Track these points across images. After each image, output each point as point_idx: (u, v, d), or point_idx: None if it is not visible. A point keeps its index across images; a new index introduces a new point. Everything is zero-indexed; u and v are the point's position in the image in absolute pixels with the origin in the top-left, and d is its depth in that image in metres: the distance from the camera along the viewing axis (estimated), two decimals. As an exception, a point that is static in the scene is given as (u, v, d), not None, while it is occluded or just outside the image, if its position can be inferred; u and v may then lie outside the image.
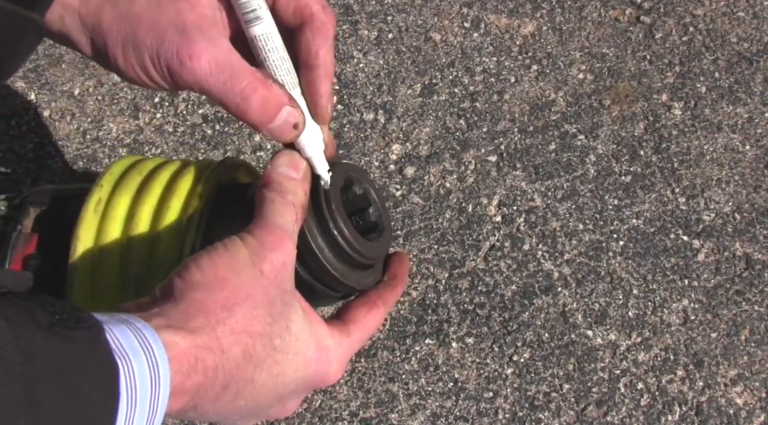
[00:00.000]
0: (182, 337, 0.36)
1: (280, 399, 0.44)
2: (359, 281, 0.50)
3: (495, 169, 1.04)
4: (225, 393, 0.39)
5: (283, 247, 0.42)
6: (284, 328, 0.41)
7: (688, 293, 0.96)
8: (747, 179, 1.04)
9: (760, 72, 1.12)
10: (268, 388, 0.42)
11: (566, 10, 1.17)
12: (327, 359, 0.45)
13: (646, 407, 0.90)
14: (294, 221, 0.43)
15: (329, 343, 0.45)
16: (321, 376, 0.45)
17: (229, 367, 0.38)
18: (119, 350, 0.33)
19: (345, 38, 1.13)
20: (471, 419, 0.89)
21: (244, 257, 0.41)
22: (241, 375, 0.39)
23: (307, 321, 0.43)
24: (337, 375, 0.46)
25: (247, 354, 0.39)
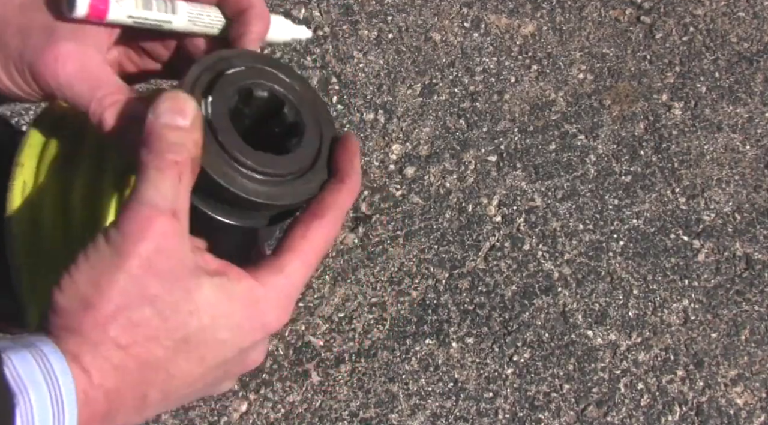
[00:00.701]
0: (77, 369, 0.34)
1: (224, 371, 0.40)
2: (295, 194, 0.43)
3: (495, 169, 1.04)
4: (147, 400, 0.37)
5: (152, 231, 0.36)
6: (187, 314, 0.37)
7: (688, 293, 0.96)
8: (747, 179, 1.04)
9: (760, 72, 1.12)
10: (198, 372, 0.38)
11: (566, 10, 1.17)
12: (260, 312, 0.39)
13: (646, 407, 0.90)
14: (174, 186, 0.37)
15: (258, 294, 0.39)
16: (261, 329, 0.40)
17: (133, 382, 0.36)
18: (16, 381, 0.31)
19: (345, 38, 1.13)
20: (471, 419, 0.89)
21: (105, 261, 0.36)
22: (153, 381, 0.36)
23: (220, 287, 0.38)
24: (280, 320, 0.40)
25: (146, 363, 0.36)
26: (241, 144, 0.41)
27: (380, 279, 0.96)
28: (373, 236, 0.98)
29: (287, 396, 0.90)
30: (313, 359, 0.92)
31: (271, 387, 0.91)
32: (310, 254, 0.40)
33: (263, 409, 0.89)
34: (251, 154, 0.41)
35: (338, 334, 0.93)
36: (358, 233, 0.98)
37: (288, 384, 0.91)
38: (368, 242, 0.98)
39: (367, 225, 0.99)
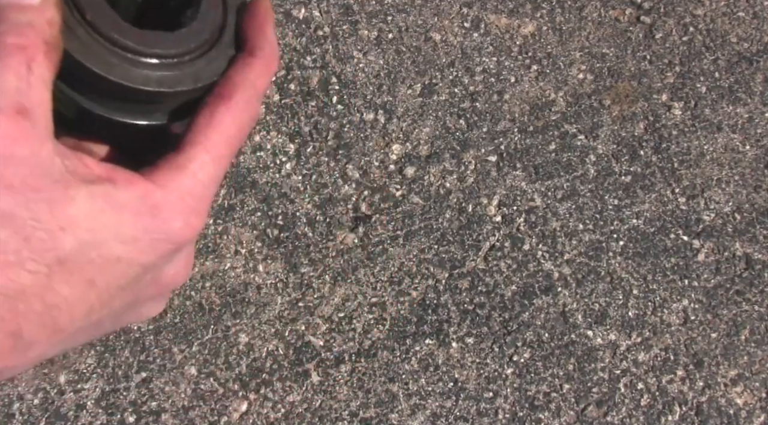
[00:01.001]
0: None
1: (132, 294, 0.34)
2: (196, 77, 0.36)
3: (495, 169, 1.04)
4: (24, 337, 0.31)
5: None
6: (57, 231, 0.30)
7: (688, 293, 0.96)
8: (747, 179, 1.04)
9: (760, 72, 1.12)
10: (91, 299, 0.32)
11: (566, 10, 1.17)
12: (161, 220, 0.33)
13: (646, 407, 0.90)
14: (20, 76, 0.30)
15: (156, 199, 0.33)
16: (166, 240, 0.33)
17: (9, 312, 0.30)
18: None
19: (345, 38, 1.13)
20: (471, 419, 0.89)
21: None
22: (25, 314, 0.31)
23: (103, 196, 0.32)
24: (191, 226, 0.34)
25: (8, 293, 0.30)
26: (118, 22, 0.34)
27: (380, 279, 0.96)
28: (373, 236, 0.98)
29: (287, 396, 0.90)
30: (313, 359, 0.92)
31: (271, 387, 0.91)
32: (219, 144, 0.34)
33: (263, 409, 0.89)
34: (132, 33, 0.34)
35: (338, 334, 0.93)
36: (358, 233, 0.98)
37: (288, 384, 0.91)
38: (368, 242, 0.98)
39: (367, 225, 0.99)
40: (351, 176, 1.01)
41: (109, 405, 0.90)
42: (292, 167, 1.01)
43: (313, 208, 0.99)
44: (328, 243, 0.97)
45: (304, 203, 0.99)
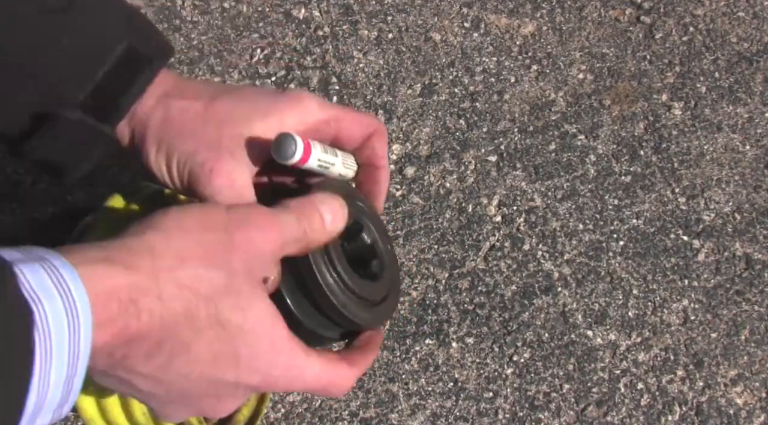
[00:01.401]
0: (116, 272, 0.34)
1: (216, 387, 0.39)
2: (377, 318, 0.48)
3: (495, 169, 1.04)
4: (158, 354, 0.35)
5: (270, 231, 0.39)
6: (237, 308, 0.37)
7: (688, 293, 0.96)
8: (747, 179, 1.04)
9: (760, 72, 1.12)
10: (204, 366, 0.37)
11: (566, 10, 1.17)
12: (289, 367, 0.41)
13: (646, 407, 0.90)
14: (295, 236, 0.41)
15: (299, 361, 0.41)
16: (262, 380, 0.41)
17: (168, 321, 0.35)
18: (30, 293, 0.30)
19: (345, 38, 1.13)
20: (471, 419, 0.89)
21: (219, 218, 0.38)
22: (178, 336, 0.36)
23: (272, 324, 0.40)
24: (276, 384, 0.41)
25: (189, 313, 0.35)
26: (349, 269, 0.46)
27: (380, 279, 0.96)
28: (373, 236, 0.98)
29: (287, 396, 0.90)
30: (313, 359, 0.92)
31: (271, 387, 0.91)
32: (362, 366, 0.46)
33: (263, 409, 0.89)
34: (357, 280, 0.46)
35: (338, 334, 0.93)
36: (358, 233, 0.98)
37: (288, 384, 0.91)
38: (368, 242, 0.97)
39: (367, 225, 0.99)
40: (351, 176, 1.01)
41: (109, 405, 0.90)
42: (292, 167, 1.01)
43: (313, 208, 0.99)
44: (328, 243, 0.97)
45: (304, 203, 0.99)
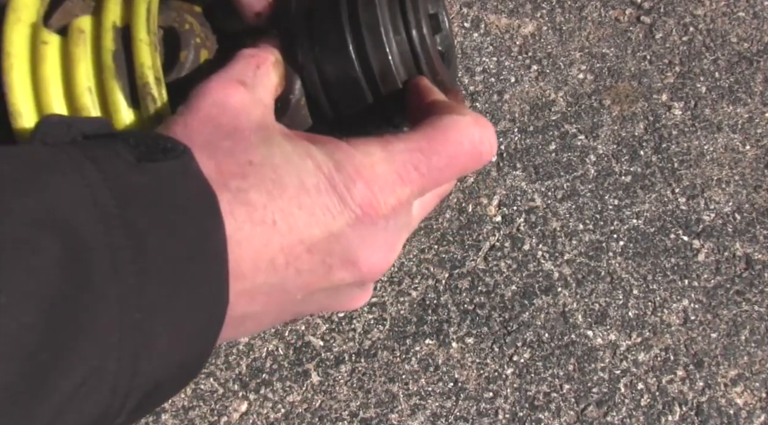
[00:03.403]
0: None
1: (323, 266, 0.32)
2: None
3: (495, 169, 1.04)
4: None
5: (210, 88, 0.35)
6: (245, 164, 0.32)
7: (688, 293, 0.96)
8: (747, 179, 1.04)
9: (760, 72, 1.12)
10: (275, 247, 0.31)
11: (566, 10, 1.17)
12: (348, 177, 0.32)
13: (646, 407, 0.90)
14: (245, 66, 0.37)
15: (343, 155, 0.32)
16: (352, 206, 0.32)
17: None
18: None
19: (345, 38, 1.12)
20: (471, 419, 0.89)
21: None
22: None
23: (296, 145, 0.33)
24: (379, 202, 0.32)
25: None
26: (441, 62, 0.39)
27: (380, 279, 0.96)
28: (373, 236, 0.98)
29: (287, 396, 0.90)
30: (313, 359, 0.92)
31: (271, 387, 0.91)
32: (440, 154, 0.34)
33: (263, 409, 0.89)
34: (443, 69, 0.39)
35: (338, 334, 0.93)
36: (358, 233, 0.98)
37: (288, 384, 0.91)
38: (368, 242, 0.97)
39: (367, 225, 0.98)
40: (351, 176, 1.01)
41: (109, 405, 0.90)
42: (292, 167, 1.01)
43: (313, 208, 0.99)
44: (328, 243, 0.97)
45: (304, 203, 0.99)
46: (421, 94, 0.38)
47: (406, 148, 0.34)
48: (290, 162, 0.31)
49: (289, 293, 0.32)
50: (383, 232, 0.34)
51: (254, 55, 0.37)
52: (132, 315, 0.26)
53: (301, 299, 0.33)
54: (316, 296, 0.34)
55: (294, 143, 0.33)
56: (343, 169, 0.32)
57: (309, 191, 0.31)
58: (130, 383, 0.26)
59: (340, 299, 0.36)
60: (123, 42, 0.39)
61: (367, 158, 0.33)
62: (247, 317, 0.32)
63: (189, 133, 0.32)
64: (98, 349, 0.25)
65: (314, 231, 0.31)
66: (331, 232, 0.32)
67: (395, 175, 0.33)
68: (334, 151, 0.33)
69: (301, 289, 0.33)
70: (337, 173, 0.32)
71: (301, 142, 0.33)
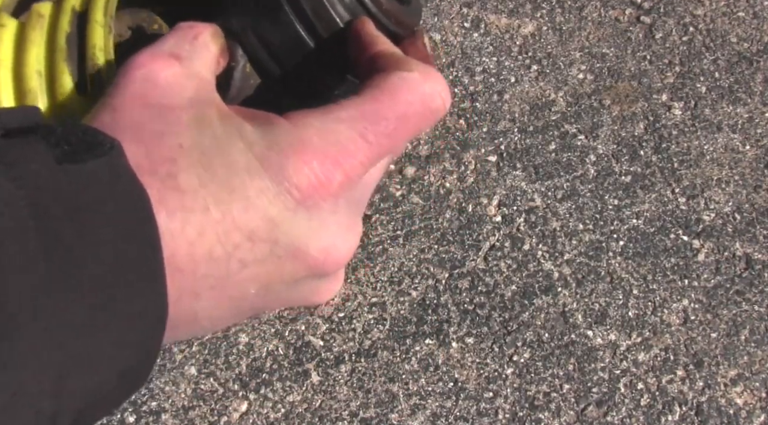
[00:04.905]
0: None
1: (272, 258, 0.29)
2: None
3: (495, 169, 1.04)
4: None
5: (139, 62, 0.31)
6: (175, 146, 0.28)
7: (688, 293, 0.96)
8: (747, 179, 1.04)
9: (760, 72, 1.12)
10: (211, 236, 0.28)
11: (566, 10, 1.17)
12: (282, 154, 0.28)
13: (646, 407, 0.90)
14: (181, 38, 0.33)
15: (281, 132, 0.29)
16: (289, 188, 0.28)
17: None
18: None
19: (345, 38, 1.12)
20: (471, 419, 0.89)
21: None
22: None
23: (229, 124, 0.29)
24: (321, 178, 0.28)
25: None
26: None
27: (380, 279, 0.96)
28: (373, 236, 0.98)
29: (287, 396, 0.90)
30: (313, 359, 0.92)
31: (271, 387, 0.91)
32: (379, 116, 0.30)
33: (263, 409, 0.89)
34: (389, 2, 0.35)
35: (338, 334, 0.93)
36: (358, 233, 0.98)
37: (288, 384, 0.91)
38: (368, 242, 0.98)
39: (366, 225, 0.99)
40: (351, 176, 1.01)
41: (109, 405, 0.90)
42: (292, 167, 1.01)
43: (313, 208, 0.99)
44: (328, 243, 0.97)
45: (304, 203, 0.99)
46: (363, 45, 0.34)
47: (348, 116, 0.29)
48: (220, 143, 0.28)
49: (238, 286, 0.29)
50: (332, 215, 0.30)
51: (191, 26, 0.33)
52: (54, 335, 0.24)
53: (256, 293, 0.30)
54: (274, 289, 0.30)
55: (226, 122, 0.29)
56: (276, 146, 0.28)
57: (239, 173, 0.28)
58: (56, 403, 0.24)
59: (302, 293, 0.32)
60: (79, 25, 0.36)
61: (304, 132, 0.29)
62: (199, 314, 0.30)
63: (117, 116, 0.29)
64: (15, 375, 0.23)
65: (251, 217, 0.28)
66: (271, 218, 0.28)
67: (338, 147, 0.29)
68: (270, 128, 0.29)
69: (252, 282, 0.29)
70: (268, 151, 0.28)
71: (234, 120, 0.30)
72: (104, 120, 0.29)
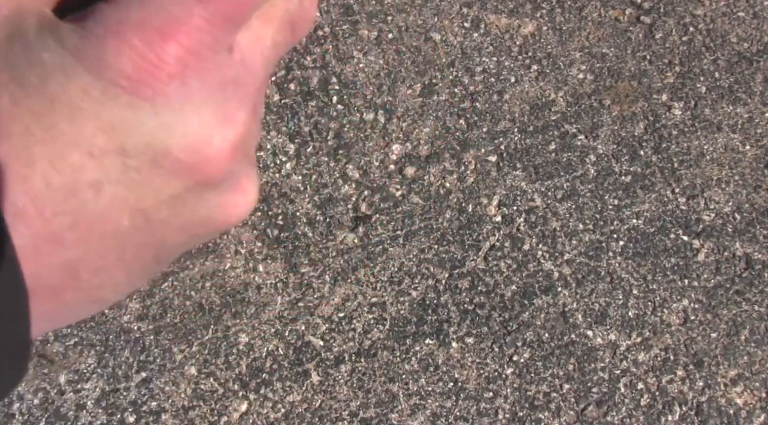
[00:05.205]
0: None
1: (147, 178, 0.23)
2: None
3: (495, 169, 1.04)
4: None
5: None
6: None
7: (688, 293, 0.96)
8: (747, 179, 1.04)
9: (760, 72, 1.12)
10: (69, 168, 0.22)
11: (566, 10, 1.17)
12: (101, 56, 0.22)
13: (646, 407, 0.90)
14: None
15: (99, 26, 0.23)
16: (126, 88, 0.22)
17: None
18: None
19: (345, 38, 1.13)
20: (471, 419, 0.89)
21: None
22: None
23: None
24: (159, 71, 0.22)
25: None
26: None
27: (380, 279, 0.96)
28: (373, 236, 0.98)
29: (287, 395, 0.90)
30: (313, 359, 0.92)
31: (271, 387, 0.91)
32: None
33: (263, 409, 0.89)
34: None
35: (338, 334, 0.93)
36: (358, 233, 0.98)
37: (288, 384, 0.91)
38: (368, 242, 0.98)
39: (367, 225, 0.99)
40: (351, 176, 1.01)
41: (109, 405, 0.90)
42: (292, 166, 1.01)
43: (313, 208, 0.99)
44: (328, 243, 0.97)
45: (304, 203, 0.99)
46: None
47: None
48: (31, 51, 0.23)
49: (106, 219, 0.24)
50: (188, 102, 0.23)
51: None
52: None
53: (133, 224, 0.24)
54: (156, 214, 0.24)
55: (43, 27, 0.23)
56: (91, 34, 0.22)
57: (54, 75, 0.23)
58: None
59: (196, 214, 0.25)
60: None
61: (123, 9, 0.23)
62: (78, 269, 0.24)
63: None
64: None
65: (82, 126, 0.22)
66: (109, 123, 0.23)
67: (163, 16, 0.23)
68: (87, 18, 0.23)
69: (119, 210, 0.24)
70: (82, 41, 0.23)
71: (51, 23, 0.23)
72: None
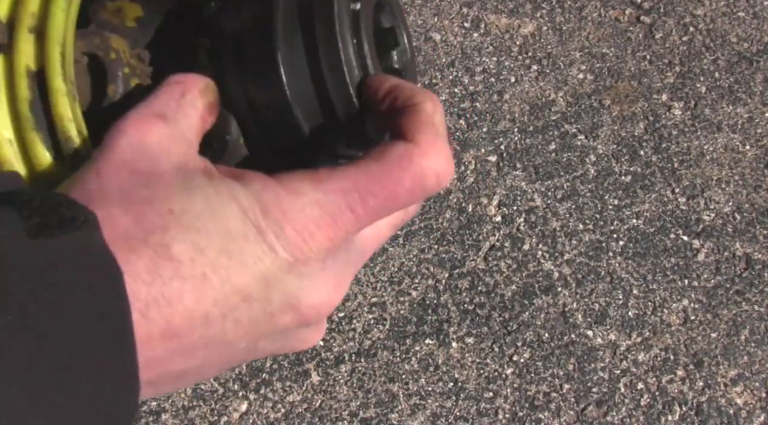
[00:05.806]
0: None
1: (264, 315, 0.31)
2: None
3: (495, 169, 1.04)
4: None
5: (126, 127, 0.31)
6: (165, 213, 0.29)
7: (688, 293, 0.96)
8: (747, 179, 1.04)
9: (760, 72, 1.12)
10: (208, 301, 0.29)
11: (566, 10, 1.17)
12: (274, 219, 0.30)
13: (646, 407, 0.90)
14: (168, 96, 0.32)
15: (270, 195, 0.30)
16: (284, 248, 0.30)
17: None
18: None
19: (345, 38, 1.13)
20: (471, 419, 0.89)
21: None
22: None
23: (219, 186, 0.30)
24: (313, 241, 0.30)
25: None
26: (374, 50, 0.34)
27: (380, 279, 0.96)
28: (373, 236, 0.98)
29: (287, 395, 0.90)
30: (313, 359, 0.92)
31: (271, 387, 0.91)
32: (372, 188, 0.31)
33: (263, 409, 0.89)
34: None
35: (338, 334, 0.93)
36: (358, 233, 0.98)
37: (288, 383, 0.91)
38: (368, 242, 0.98)
39: (367, 225, 0.99)
40: (351, 176, 1.01)
41: (109, 405, 0.90)
42: (292, 167, 1.01)
43: (313, 208, 0.99)
44: (328, 243, 0.97)
45: (304, 203, 0.99)
46: (381, 99, 0.35)
47: (340, 188, 0.30)
48: (213, 208, 0.29)
49: (230, 344, 0.31)
50: (321, 272, 0.32)
51: (181, 82, 0.33)
52: (14, 412, 0.23)
53: (245, 347, 0.31)
54: (263, 342, 0.32)
55: (216, 184, 0.30)
56: (271, 214, 0.30)
57: (237, 239, 0.29)
58: None
59: (289, 342, 0.35)
60: (39, 90, 0.35)
61: (297, 200, 0.30)
62: (188, 371, 0.31)
63: (102, 182, 0.29)
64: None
65: (248, 281, 0.29)
66: (266, 280, 0.30)
67: (328, 219, 0.30)
68: (261, 191, 0.30)
69: (243, 338, 0.31)
70: (264, 219, 0.29)
71: (224, 182, 0.30)
72: (90, 187, 0.29)
